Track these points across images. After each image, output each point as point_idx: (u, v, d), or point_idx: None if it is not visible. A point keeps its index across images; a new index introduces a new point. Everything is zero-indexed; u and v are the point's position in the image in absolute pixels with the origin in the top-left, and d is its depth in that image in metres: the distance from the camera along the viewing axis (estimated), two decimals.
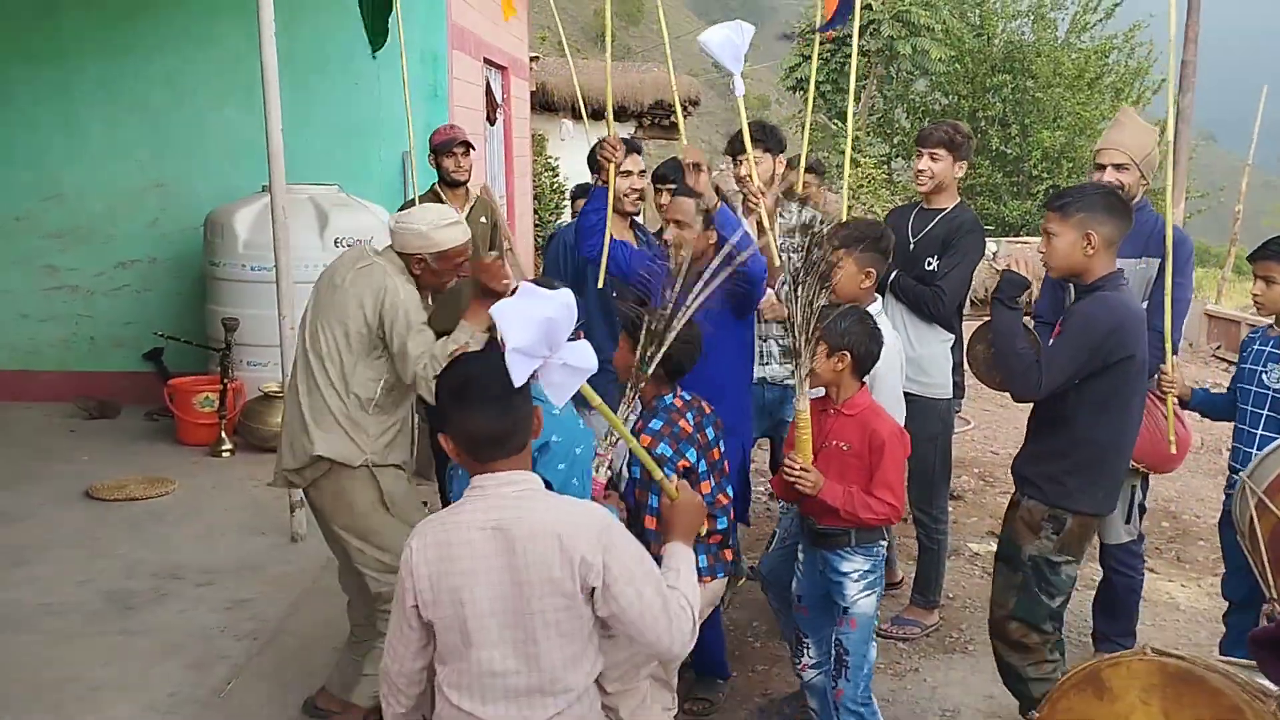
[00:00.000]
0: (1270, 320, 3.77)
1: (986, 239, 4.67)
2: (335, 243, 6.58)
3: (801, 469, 3.16)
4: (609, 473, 3.08)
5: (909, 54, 22.10)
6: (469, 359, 2.35)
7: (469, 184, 5.57)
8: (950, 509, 5.97)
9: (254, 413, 6.43)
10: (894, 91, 23.01)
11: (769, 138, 4.63)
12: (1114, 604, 4.36)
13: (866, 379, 3.55)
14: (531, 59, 13.32)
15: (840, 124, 21.66)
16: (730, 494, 3.42)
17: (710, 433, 3.33)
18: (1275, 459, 2.78)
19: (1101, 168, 4.14)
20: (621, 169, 4.31)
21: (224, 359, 6.48)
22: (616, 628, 2.19)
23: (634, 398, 2.99)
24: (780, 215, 4.66)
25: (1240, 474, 2.95)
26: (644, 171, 4.55)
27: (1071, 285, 3.60)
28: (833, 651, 3.37)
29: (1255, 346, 3.79)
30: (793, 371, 3.19)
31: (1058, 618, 3.44)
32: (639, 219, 4.80)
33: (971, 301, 8.54)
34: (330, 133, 7.46)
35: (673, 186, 4.48)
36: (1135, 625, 4.40)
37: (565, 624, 2.14)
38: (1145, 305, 4.05)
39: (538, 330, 2.04)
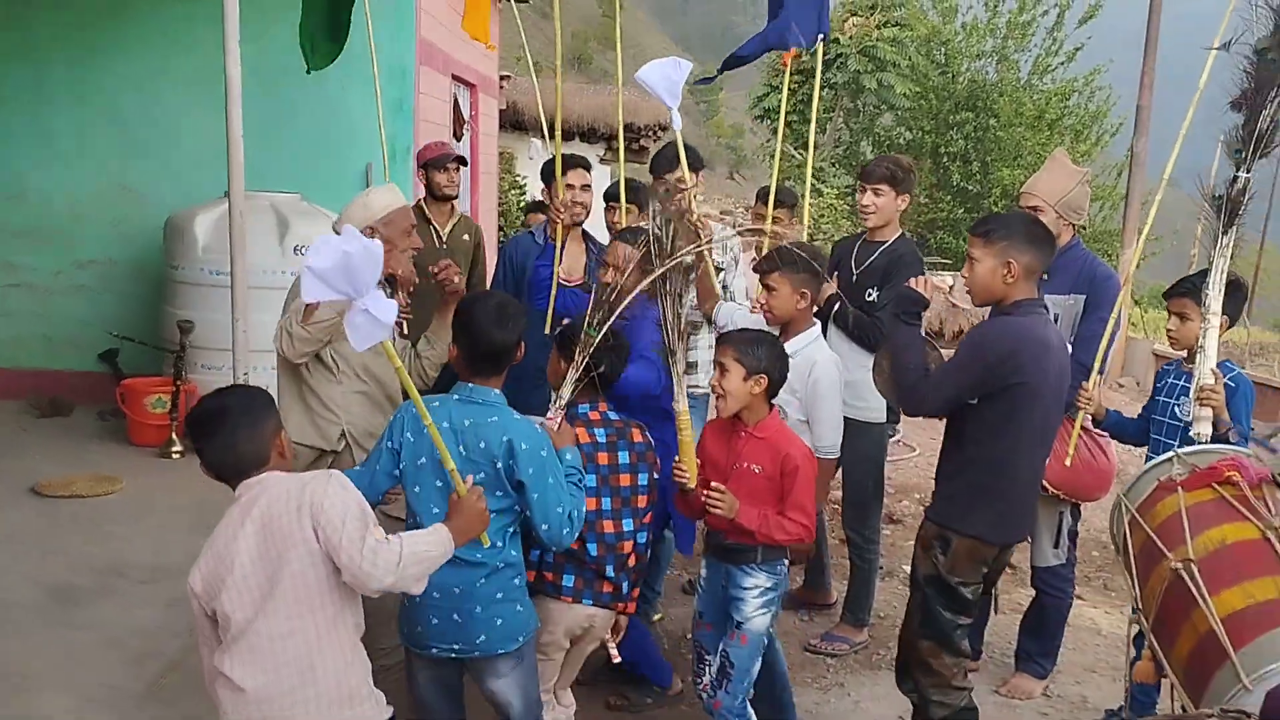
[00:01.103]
0: (1184, 354, 3.93)
1: (941, 270, 4.84)
2: (295, 250, 6.66)
3: (718, 494, 3.21)
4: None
5: (874, 88, 22.45)
6: (212, 394, 2.58)
7: (456, 200, 5.63)
8: (889, 532, 6.14)
9: None
10: (859, 125, 23.40)
11: (690, 157, 4.63)
12: (1040, 625, 4.51)
13: (800, 401, 3.68)
14: (503, 78, 13.47)
15: (804, 154, 21.95)
16: (626, 525, 3.34)
17: (623, 456, 3.31)
18: (1148, 479, 2.95)
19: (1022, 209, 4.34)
20: (566, 183, 4.49)
21: (178, 361, 6.52)
22: (329, 550, 2.39)
23: (561, 406, 3.11)
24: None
25: (1120, 494, 3.11)
26: (587, 186, 4.62)
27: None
28: (718, 662, 3.42)
29: (1169, 380, 3.95)
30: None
31: (968, 639, 3.46)
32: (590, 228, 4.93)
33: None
34: (295, 141, 7.54)
35: (616, 205, 4.76)
36: (1058, 646, 4.55)
37: (310, 580, 2.39)
38: (1072, 339, 4.24)
39: (336, 258, 2.22)
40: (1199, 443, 3.53)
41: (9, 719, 3.54)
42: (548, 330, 4.12)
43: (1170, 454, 2.99)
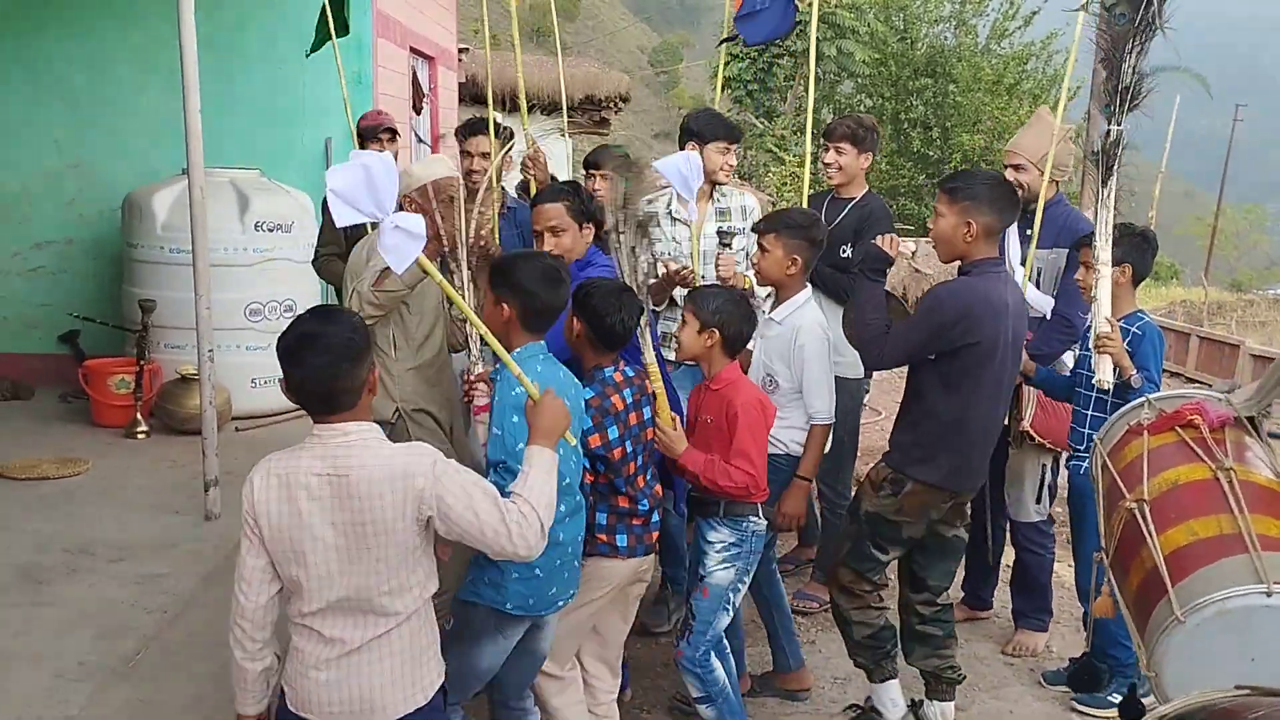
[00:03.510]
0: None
1: (905, 236, 4.93)
2: (255, 226, 6.62)
3: (662, 432, 3.31)
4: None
5: (834, 56, 22.49)
6: (307, 316, 2.45)
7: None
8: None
9: (170, 395, 6.43)
10: (820, 92, 23.42)
11: (730, 132, 4.68)
12: (1026, 582, 4.64)
13: (790, 370, 3.74)
14: (461, 50, 13.36)
15: (767, 123, 21.97)
16: (651, 474, 3.39)
17: (647, 413, 3.31)
18: (1120, 424, 3.05)
19: (1006, 168, 4.45)
20: (465, 149, 4.53)
21: (141, 341, 6.47)
22: (464, 541, 2.40)
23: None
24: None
25: (1095, 435, 3.21)
26: (486, 154, 4.52)
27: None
28: (683, 613, 3.54)
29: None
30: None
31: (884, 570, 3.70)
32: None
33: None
34: (253, 117, 7.47)
35: (602, 174, 4.60)
36: (1050, 603, 4.68)
37: (394, 559, 2.34)
38: (1055, 293, 4.35)
39: (355, 175, 2.25)
40: (1101, 390, 3.70)
41: None
42: None
43: (1143, 399, 3.09)
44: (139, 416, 6.40)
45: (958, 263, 3.58)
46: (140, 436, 6.36)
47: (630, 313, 3.17)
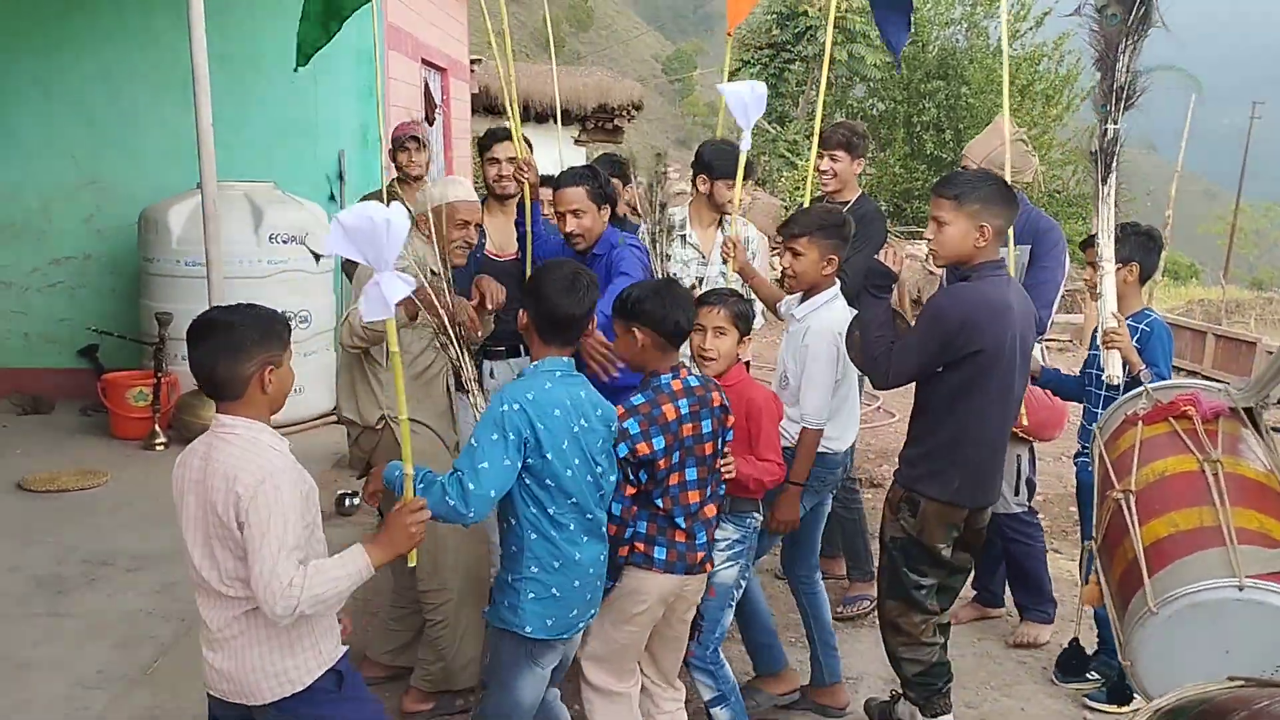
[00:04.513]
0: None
1: (913, 241, 4.97)
2: (270, 239, 6.69)
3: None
4: None
5: (845, 60, 22.50)
6: (216, 308, 2.59)
7: (424, 179, 5.58)
8: (870, 496, 6.22)
9: (188, 406, 6.50)
10: (832, 97, 23.43)
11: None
12: (1020, 574, 4.65)
13: (791, 357, 3.76)
14: (474, 61, 13.44)
15: (779, 128, 22.01)
16: (708, 491, 3.21)
17: (706, 425, 3.15)
18: (1118, 414, 3.07)
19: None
20: (492, 156, 4.58)
21: (158, 353, 6.55)
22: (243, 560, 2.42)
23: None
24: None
25: (1094, 428, 3.22)
26: (513, 159, 4.55)
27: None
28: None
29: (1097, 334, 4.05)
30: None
31: (936, 598, 3.49)
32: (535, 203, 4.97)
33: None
34: (266, 130, 7.55)
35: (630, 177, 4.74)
36: (1049, 592, 4.68)
37: (231, 545, 2.40)
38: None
39: (363, 222, 2.32)
40: (1112, 385, 3.68)
41: (8, 704, 3.58)
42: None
43: (1141, 389, 3.09)
44: (157, 428, 6.48)
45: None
46: (158, 448, 6.44)
47: (685, 308, 3.12)
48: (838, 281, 3.81)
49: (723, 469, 3.25)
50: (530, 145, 4.71)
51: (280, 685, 2.47)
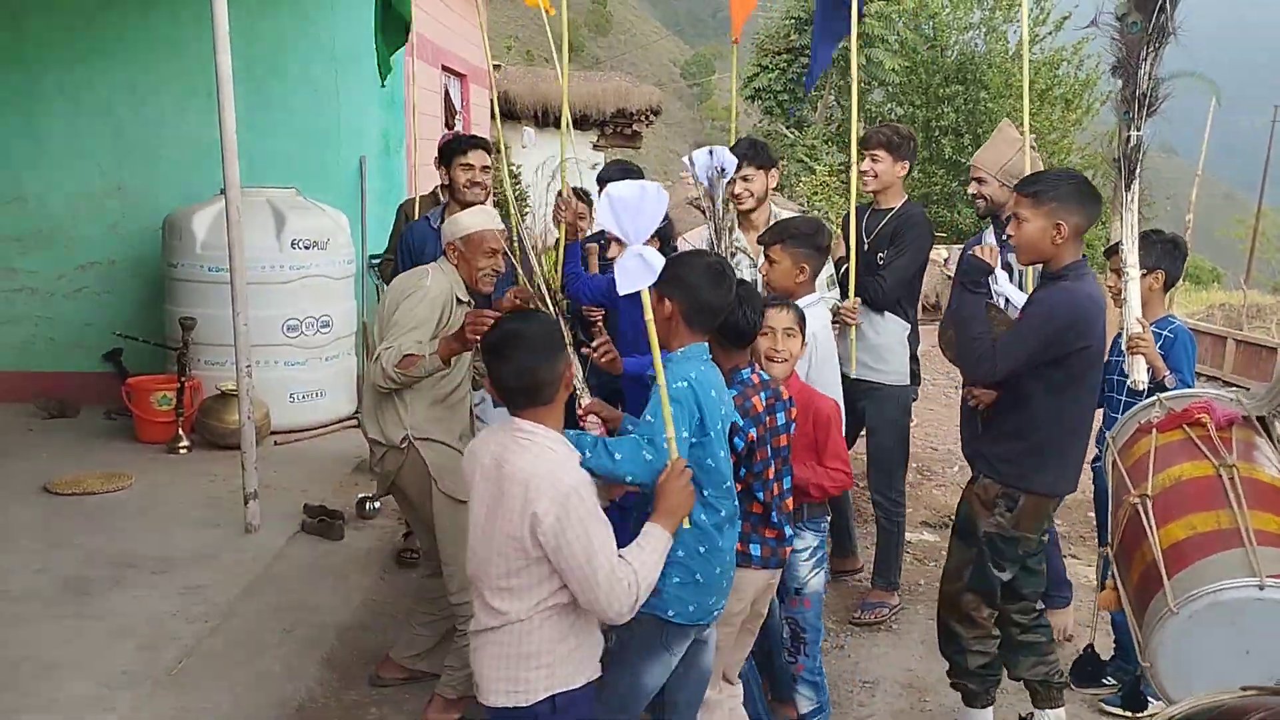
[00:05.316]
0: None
1: (935, 244, 4.97)
2: (292, 244, 6.76)
3: None
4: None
5: (863, 65, 22.48)
6: (511, 317, 2.62)
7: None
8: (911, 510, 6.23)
9: (211, 410, 6.58)
10: (850, 102, 23.43)
11: (760, 155, 4.63)
12: None
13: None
14: (494, 67, 13.52)
15: (797, 133, 21.99)
16: (786, 483, 3.26)
17: (780, 418, 3.21)
18: (1131, 423, 3.09)
19: (970, 181, 4.61)
20: (465, 163, 4.61)
21: (181, 358, 6.62)
22: (563, 576, 2.43)
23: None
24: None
25: (1109, 435, 3.25)
26: (486, 167, 4.61)
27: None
28: (786, 629, 3.53)
29: (1119, 340, 4.05)
30: None
31: (1003, 594, 3.59)
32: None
33: (923, 306, 8.80)
34: (289, 136, 7.62)
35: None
36: (1064, 576, 4.72)
37: (512, 558, 2.42)
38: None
39: (634, 192, 2.43)
40: (1136, 390, 3.68)
41: (35, 703, 3.64)
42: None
43: (1154, 398, 3.12)
44: (180, 432, 6.55)
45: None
46: (182, 451, 6.51)
47: (751, 304, 3.13)
48: (815, 289, 3.92)
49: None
50: (499, 152, 4.76)
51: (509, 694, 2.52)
